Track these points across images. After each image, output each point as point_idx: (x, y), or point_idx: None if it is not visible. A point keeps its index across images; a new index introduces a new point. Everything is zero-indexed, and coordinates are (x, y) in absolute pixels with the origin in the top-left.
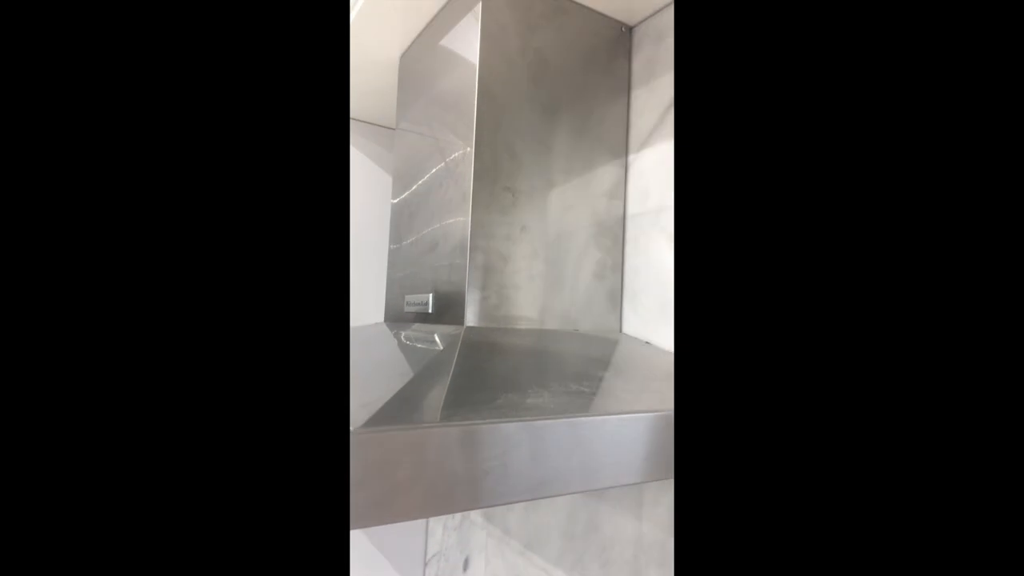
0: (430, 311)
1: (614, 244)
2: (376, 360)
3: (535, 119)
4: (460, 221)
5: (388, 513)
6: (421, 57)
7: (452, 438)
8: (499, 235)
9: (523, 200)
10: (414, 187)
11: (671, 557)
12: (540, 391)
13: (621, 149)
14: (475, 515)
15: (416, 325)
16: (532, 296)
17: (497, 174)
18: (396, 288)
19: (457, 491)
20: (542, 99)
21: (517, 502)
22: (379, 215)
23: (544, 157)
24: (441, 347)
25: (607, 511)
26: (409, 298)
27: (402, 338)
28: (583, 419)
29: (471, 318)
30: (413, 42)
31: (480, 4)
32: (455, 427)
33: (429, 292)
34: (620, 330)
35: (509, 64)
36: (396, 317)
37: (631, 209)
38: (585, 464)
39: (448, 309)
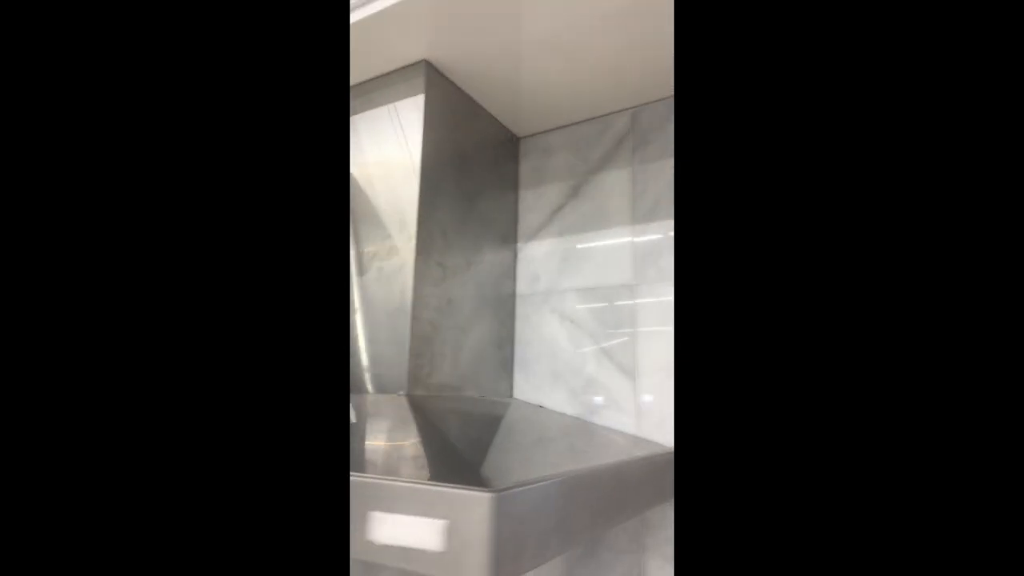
0: None
1: (508, 318)
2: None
3: (458, 203)
4: (397, 291)
5: (522, 565)
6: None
7: (552, 492)
8: (431, 306)
9: (449, 275)
10: None
11: None
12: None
13: (512, 237)
14: None
15: None
16: (453, 364)
17: (431, 249)
18: None
19: (552, 541)
20: (463, 186)
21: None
22: None
23: (463, 237)
24: (389, 418)
25: None
26: None
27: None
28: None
29: (409, 386)
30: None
31: (423, 95)
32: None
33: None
34: (511, 395)
35: (441, 152)
36: None
37: (521, 289)
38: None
39: (378, 377)
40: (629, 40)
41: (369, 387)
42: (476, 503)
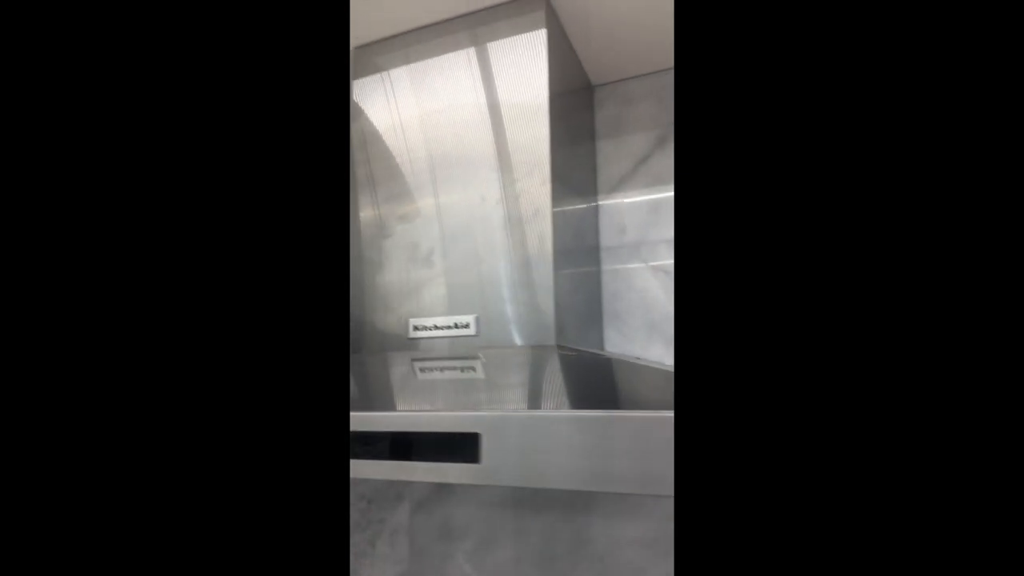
0: (474, 333)
1: (595, 271)
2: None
3: (564, 148)
4: (536, 238)
5: None
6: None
7: None
8: (564, 254)
9: (560, 224)
10: (435, 198)
11: None
12: None
13: (592, 188)
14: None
15: (461, 349)
16: (570, 317)
17: (560, 196)
18: (388, 307)
19: None
20: (566, 130)
21: None
22: None
23: (575, 183)
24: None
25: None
26: (437, 321)
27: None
28: None
29: (557, 337)
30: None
31: (545, 30)
32: None
33: (472, 312)
34: (602, 348)
35: (560, 92)
36: (380, 346)
37: (606, 242)
38: None
39: (503, 330)
40: None
41: (517, 340)
42: None
